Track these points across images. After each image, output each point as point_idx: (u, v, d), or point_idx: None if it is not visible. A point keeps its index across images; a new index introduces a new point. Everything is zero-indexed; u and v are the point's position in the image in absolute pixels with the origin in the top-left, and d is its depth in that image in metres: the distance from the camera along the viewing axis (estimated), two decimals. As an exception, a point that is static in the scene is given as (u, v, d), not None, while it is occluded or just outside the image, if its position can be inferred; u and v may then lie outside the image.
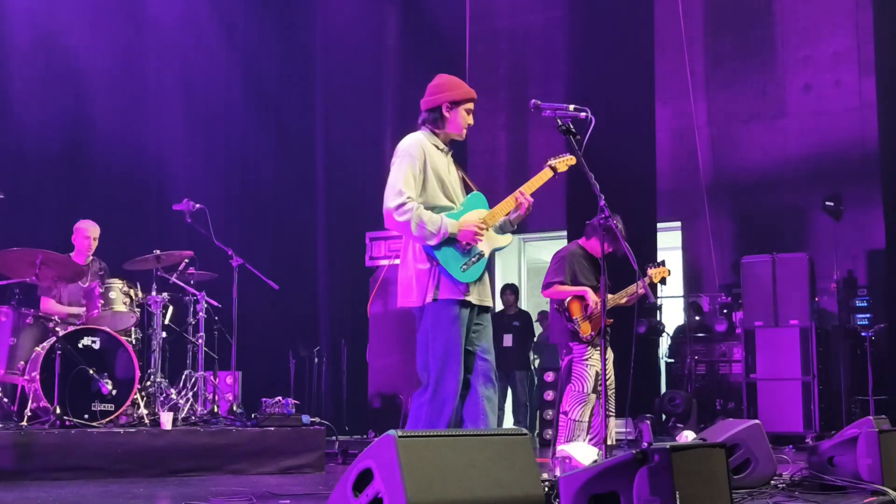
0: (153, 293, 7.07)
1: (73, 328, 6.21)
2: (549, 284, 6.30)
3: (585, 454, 5.57)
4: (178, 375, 7.42)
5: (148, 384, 6.83)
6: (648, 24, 10.71)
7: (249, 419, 6.68)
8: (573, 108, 4.41)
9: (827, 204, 9.89)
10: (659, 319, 10.25)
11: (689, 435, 6.61)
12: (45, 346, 6.12)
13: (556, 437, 6.23)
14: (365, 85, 11.74)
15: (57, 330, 6.14)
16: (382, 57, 12.04)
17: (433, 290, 4.16)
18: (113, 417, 6.11)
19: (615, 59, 10.48)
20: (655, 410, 9.54)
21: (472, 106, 4.42)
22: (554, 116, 4.41)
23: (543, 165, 4.56)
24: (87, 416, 5.96)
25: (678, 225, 11.86)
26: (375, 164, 9.84)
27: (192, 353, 7.52)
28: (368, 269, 10.33)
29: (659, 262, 6.59)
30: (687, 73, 11.05)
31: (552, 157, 4.58)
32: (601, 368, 4.72)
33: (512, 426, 8.90)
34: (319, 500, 4.57)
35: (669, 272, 6.52)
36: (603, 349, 4.62)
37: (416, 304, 4.22)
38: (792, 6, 11.53)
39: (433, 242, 4.17)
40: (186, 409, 7.01)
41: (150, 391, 6.78)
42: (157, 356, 7.02)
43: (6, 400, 6.24)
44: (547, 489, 3.43)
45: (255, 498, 4.53)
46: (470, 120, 4.42)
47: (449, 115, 4.37)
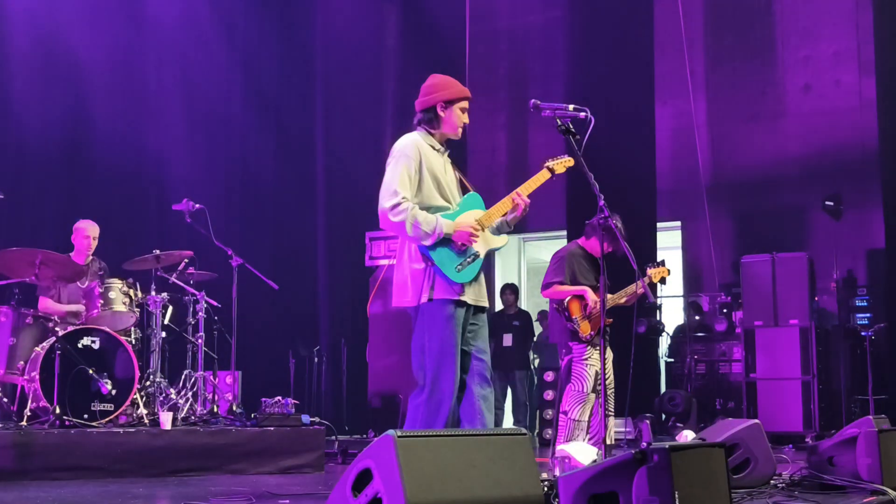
0: (153, 293, 7.07)
1: (72, 328, 6.21)
2: (548, 285, 6.30)
3: (585, 454, 5.57)
4: (177, 375, 7.42)
5: (147, 384, 6.82)
6: (648, 24, 10.71)
7: (249, 419, 6.68)
8: (573, 108, 4.41)
9: (827, 203, 9.89)
10: (659, 319, 10.25)
11: (688, 434, 6.61)
12: (44, 346, 6.12)
13: (555, 436, 6.23)
14: (365, 85, 11.74)
15: (56, 330, 6.15)
16: (382, 57, 12.05)
17: (428, 290, 4.16)
18: (112, 417, 6.12)
19: (615, 59, 10.48)
20: (655, 410, 9.55)
21: (466, 104, 4.41)
22: (553, 116, 4.41)
23: (541, 167, 4.56)
24: (86, 415, 5.97)
25: (678, 225, 11.86)
26: (375, 163, 9.78)
27: (191, 352, 7.51)
28: (368, 268, 10.32)
29: (659, 261, 6.59)
30: (687, 73, 11.04)
31: (550, 158, 4.58)
32: (601, 368, 4.72)
33: (512, 426, 8.91)
34: (319, 499, 4.57)
35: (669, 272, 6.52)
36: (602, 349, 4.62)
37: (411, 303, 4.22)
38: (792, 6, 11.53)
39: (428, 243, 4.16)
40: (186, 408, 7.01)
41: (149, 391, 6.78)
42: (156, 356, 7.02)
43: (6, 400, 6.24)
44: (546, 489, 3.43)
45: (254, 498, 4.53)
46: (465, 118, 4.41)
47: (444, 114, 4.36)
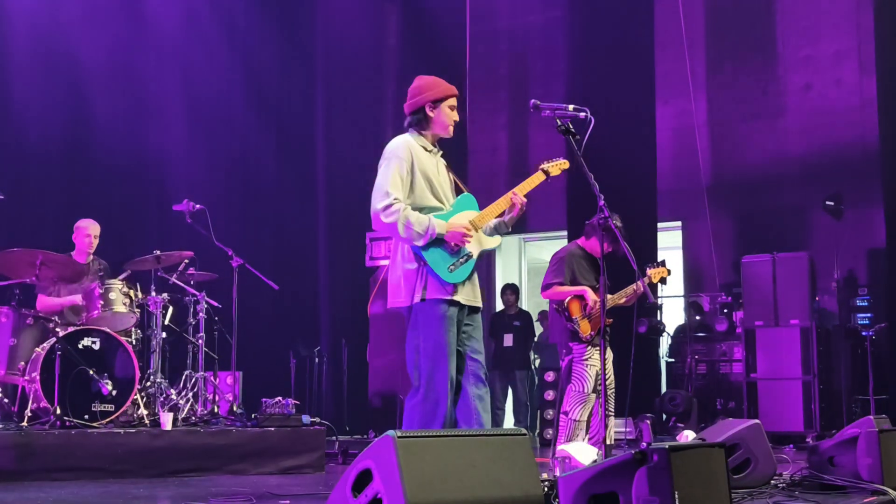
0: (153, 293, 7.08)
1: (73, 329, 6.22)
2: (548, 285, 6.30)
3: (585, 454, 5.56)
4: (178, 376, 7.42)
5: (148, 384, 6.83)
6: (649, 23, 10.70)
7: (250, 419, 6.68)
8: (573, 108, 4.41)
9: (827, 203, 9.88)
10: (659, 319, 10.24)
11: (689, 434, 6.60)
12: (45, 346, 6.12)
13: (556, 436, 6.23)
14: (365, 85, 11.74)
15: (57, 330, 6.14)
16: (383, 57, 12.05)
17: (421, 289, 4.16)
18: (113, 418, 6.11)
19: (615, 58, 10.47)
20: (656, 410, 9.54)
21: (454, 102, 4.40)
22: (553, 116, 4.41)
23: (536, 169, 4.56)
24: (87, 416, 5.97)
25: (678, 225, 11.85)
26: (376, 164, 9.81)
27: (192, 353, 7.51)
28: (369, 269, 10.33)
29: (659, 261, 6.58)
30: (687, 72, 11.03)
31: (545, 160, 4.58)
32: (601, 368, 4.71)
33: (512, 426, 8.90)
34: (319, 500, 4.57)
35: (669, 272, 6.51)
36: (602, 349, 4.62)
37: (404, 304, 4.22)
38: (792, 6, 11.51)
39: (420, 243, 4.16)
40: (186, 409, 7.01)
41: (150, 391, 6.78)
42: (157, 356, 7.02)
43: (6, 400, 6.24)
44: (546, 489, 3.43)
45: (255, 498, 4.53)
46: (455, 116, 4.41)
47: (433, 114, 4.37)
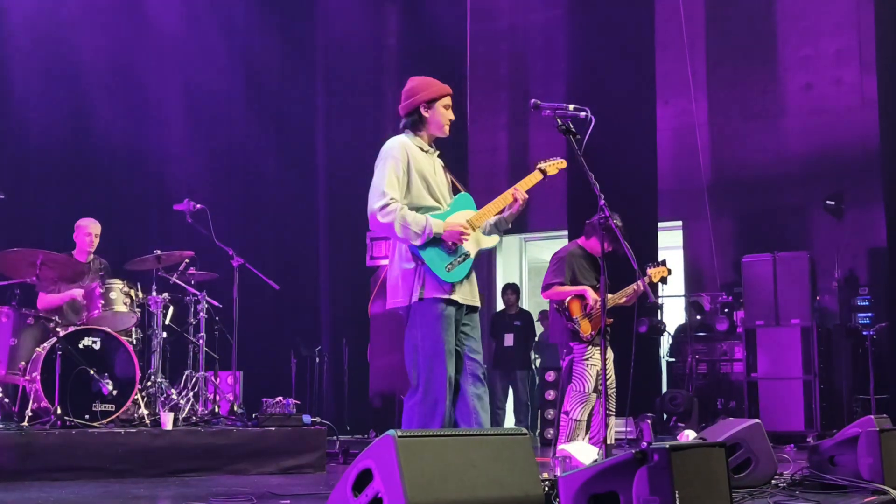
0: (154, 293, 7.07)
1: (73, 328, 6.22)
2: (548, 286, 6.29)
3: (586, 454, 5.56)
4: (178, 376, 7.41)
5: (148, 384, 6.83)
6: (649, 23, 10.70)
7: (250, 419, 6.67)
8: (573, 107, 4.41)
9: (828, 203, 9.89)
10: (660, 319, 10.24)
11: (690, 434, 6.60)
12: (45, 346, 6.12)
13: (557, 436, 6.23)
14: (366, 85, 11.74)
15: (58, 330, 6.14)
16: (383, 57, 12.05)
17: (419, 289, 4.16)
18: (114, 418, 6.12)
19: (616, 58, 10.47)
20: (657, 410, 9.54)
21: (448, 101, 4.40)
22: (554, 116, 4.40)
23: (534, 168, 4.55)
24: (87, 416, 5.97)
25: (679, 224, 11.85)
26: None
27: (192, 353, 7.51)
28: (369, 268, 10.32)
29: (660, 261, 6.58)
30: (688, 72, 11.03)
31: (542, 160, 4.58)
32: (602, 368, 4.71)
33: (512, 426, 8.90)
34: (320, 500, 4.56)
35: (670, 271, 6.51)
36: (603, 348, 4.61)
37: (402, 303, 4.22)
38: (793, 5, 11.51)
39: (417, 243, 4.16)
40: (187, 409, 7.00)
41: (150, 391, 6.79)
42: (157, 356, 7.02)
43: (7, 400, 6.24)
44: (547, 489, 3.43)
45: (255, 498, 4.53)
46: (450, 115, 4.41)
47: (427, 114, 4.36)
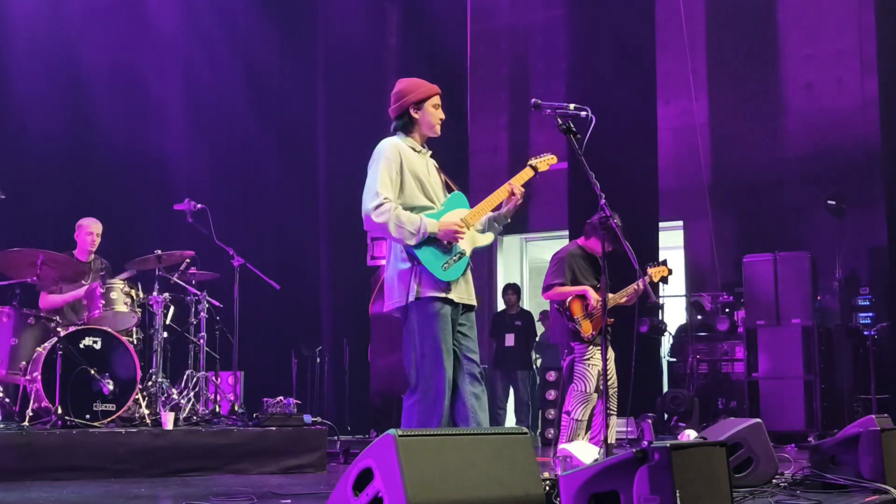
0: (154, 293, 7.07)
1: (74, 328, 6.22)
2: (549, 286, 6.29)
3: (586, 453, 5.56)
4: (179, 375, 7.41)
5: (149, 384, 6.83)
6: (650, 22, 10.69)
7: (251, 419, 6.67)
8: (574, 107, 4.41)
9: (829, 202, 9.88)
10: (661, 319, 10.24)
11: (691, 434, 6.60)
12: (46, 346, 6.11)
13: (558, 436, 6.23)
14: (366, 85, 11.73)
15: (58, 330, 6.15)
16: (384, 57, 12.04)
17: (415, 288, 4.16)
18: (114, 417, 6.11)
19: (617, 58, 10.46)
20: (658, 409, 9.53)
21: (437, 101, 4.40)
22: (554, 115, 4.40)
23: (525, 165, 4.55)
24: (88, 416, 5.97)
25: (680, 224, 11.85)
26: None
27: (193, 352, 7.51)
28: (370, 268, 10.30)
29: (661, 261, 6.58)
30: (689, 72, 11.03)
31: (533, 156, 4.58)
32: (603, 367, 4.71)
33: (514, 425, 8.90)
34: (321, 499, 4.56)
35: (670, 271, 6.50)
36: (604, 348, 4.61)
37: (399, 303, 4.22)
38: (794, 5, 11.51)
39: (412, 242, 4.16)
40: (188, 409, 7.00)
41: (151, 391, 6.78)
42: (158, 356, 7.02)
43: (8, 400, 6.24)
44: (548, 488, 3.42)
45: (256, 498, 4.53)
46: (440, 115, 4.41)
47: (417, 115, 4.37)
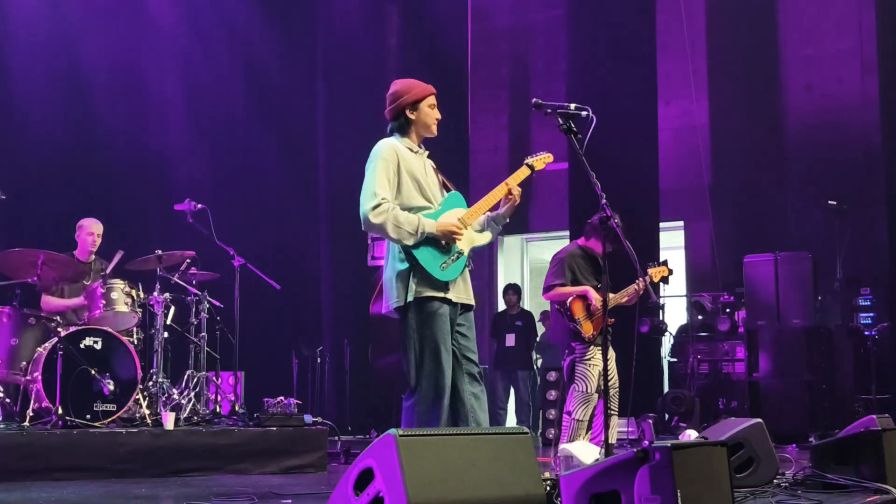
0: (155, 293, 7.08)
1: (74, 328, 6.21)
2: (549, 287, 6.28)
3: (587, 453, 5.56)
4: (180, 376, 7.41)
5: (150, 384, 6.83)
6: (650, 22, 10.68)
7: (252, 419, 6.67)
8: (574, 106, 4.40)
9: (830, 203, 9.87)
10: (662, 319, 10.23)
11: (691, 434, 6.60)
12: (47, 346, 6.12)
13: (559, 436, 6.23)
14: (366, 85, 11.71)
15: (59, 330, 6.14)
16: (384, 57, 12.03)
17: (413, 288, 4.15)
18: (115, 418, 6.11)
19: (617, 58, 10.45)
20: (658, 410, 9.52)
21: (433, 100, 4.40)
22: (555, 115, 4.40)
23: (521, 164, 4.55)
24: (88, 416, 5.97)
25: (681, 224, 11.84)
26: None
27: (194, 353, 7.51)
28: (371, 268, 10.32)
29: (661, 261, 6.58)
30: (689, 71, 11.02)
31: (529, 155, 4.58)
32: (603, 368, 4.70)
33: (514, 426, 8.89)
34: (322, 499, 4.56)
35: (671, 271, 6.49)
36: (604, 348, 4.60)
37: (398, 303, 4.21)
38: (794, 5, 11.50)
39: (410, 242, 4.16)
40: (188, 409, 7.00)
41: (152, 391, 6.78)
42: (158, 356, 7.02)
43: (8, 400, 6.24)
44: (548, 488, 3.42)
45: (257, 498, 4.53)
46: (436, 114, 4.41)
47: (413, 116, 4.37)
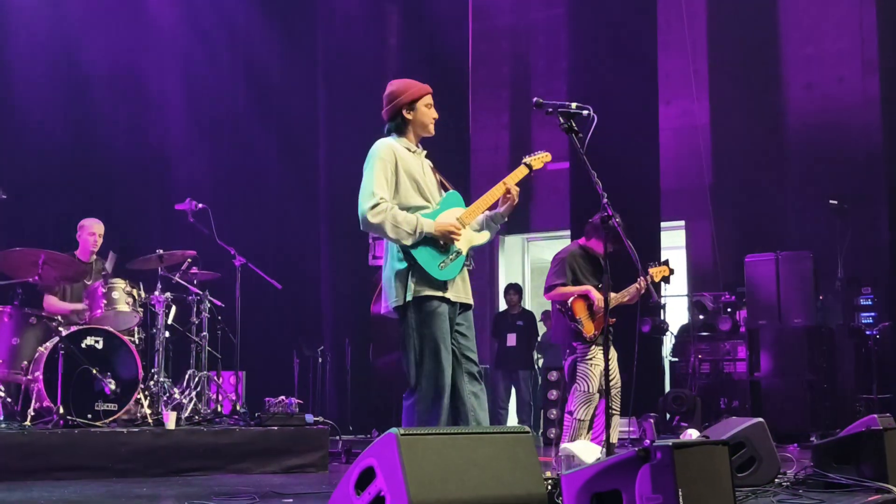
0: (156, 293, 7.07)
1: (76, 328, 6.21)
2: (551, 287, 6.28)
3: (589, 452, 5.55)
4: (181, 375, 7.41)
5: (151, 384, 6.82)
6: (651, 22, 10.68)
7: (253, 419, 6.67)
8: (576, 105, 4.40)
9: (831, 202, 9.86)
10: (663, 318, 10.22)
11: (693, 434, 6.60)
12: (48, 345, 6.12)
13: (560, 435, 6.23)
14: (367, 84, 11.71)
15: (60, 330, 6.14)
16: (384, 57, 12.03)
17: (412, 287, 4.15)
18: (116, 417, 6.11)
19: (618, 57, 10.45)
20: (659, 409, 9.52)
21: (430, 100, 4.40)
22: (556, 114, 4.39)
23: (519, 163, 4.55)
24: (90, 415, 5.96)
25: (682, 224, 11.84)
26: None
27: (195, 352, 7.51)
28: (372, 268, 10.29)
29: (662, 261, 6.58)
30: (690, 71, 11.02)
31: (527, 155, 4.58)
32: (605, 367, 4.70)
33: (515, 425, 8.88)
34: (323, 499, 4.55)
35: (672, 271, 6.49)
36: (606, 348, 4.60)
37: (397, 303, 4.21)
38: (795, 5, 11.50)
39: (409, 242, 4.16)
40: (190, 408, 7.00)
41: (153, 391, 6.78)
42: (160, 356, 7.01)
43: (10, 400, 6.23)
44: (550, 487, 3.42)
45: (258, 497, 4.53)
46: (433, 114, 4.40)
47: (410, 116, 4.37)
